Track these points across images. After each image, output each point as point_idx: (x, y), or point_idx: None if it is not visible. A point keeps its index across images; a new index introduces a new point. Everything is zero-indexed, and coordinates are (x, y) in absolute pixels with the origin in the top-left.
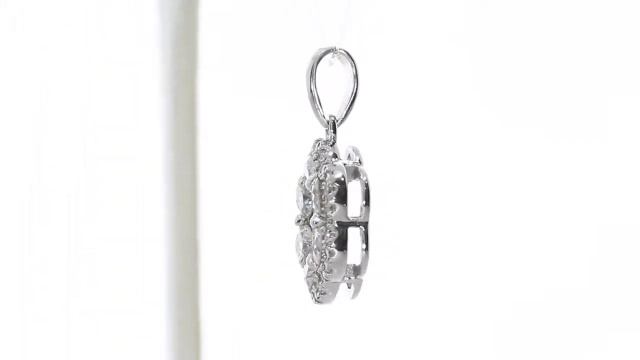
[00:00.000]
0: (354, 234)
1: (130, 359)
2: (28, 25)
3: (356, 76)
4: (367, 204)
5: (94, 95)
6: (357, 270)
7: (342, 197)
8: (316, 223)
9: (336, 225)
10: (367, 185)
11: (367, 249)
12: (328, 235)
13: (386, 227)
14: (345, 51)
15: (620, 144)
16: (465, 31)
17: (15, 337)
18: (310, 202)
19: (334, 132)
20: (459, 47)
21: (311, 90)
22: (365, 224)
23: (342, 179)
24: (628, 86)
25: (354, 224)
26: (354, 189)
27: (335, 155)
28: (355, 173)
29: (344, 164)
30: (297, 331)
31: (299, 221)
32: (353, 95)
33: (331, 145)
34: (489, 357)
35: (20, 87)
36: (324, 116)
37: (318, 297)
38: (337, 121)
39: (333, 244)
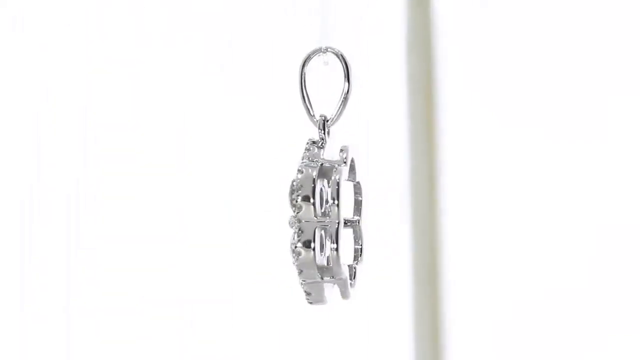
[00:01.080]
0: (321, 233)
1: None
2: (28, 25)
3: (347, 76)
4: (338, 203)
5: (94, 95)
6: (331, 272)
7: (308, 196)
8: (290, 223)
9: (304, 225)
10: (338, 184)
11: (337, 249)
12: (296, 235)
13: (386, 227)
14: (335, 51)
15: (620, 144)
16: (465, 31)
17: (15, 337)
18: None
19: (324, 132)
20: (458, 46)
21: (301, 91)
22: (336, 224)
23: (312, 178)
24: (628, 86)
25: (323, 223)
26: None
27: (321, 155)
28: (327, 172)
29: (322, 164)
30: (295, 331)
31: None
32: (344, 95)
33: (319, 146)
34: (489, 357)
35: (20, 87)
36: (314, 116)
37: (307, 298)
38: (327, 121)
39: (299, 244)
